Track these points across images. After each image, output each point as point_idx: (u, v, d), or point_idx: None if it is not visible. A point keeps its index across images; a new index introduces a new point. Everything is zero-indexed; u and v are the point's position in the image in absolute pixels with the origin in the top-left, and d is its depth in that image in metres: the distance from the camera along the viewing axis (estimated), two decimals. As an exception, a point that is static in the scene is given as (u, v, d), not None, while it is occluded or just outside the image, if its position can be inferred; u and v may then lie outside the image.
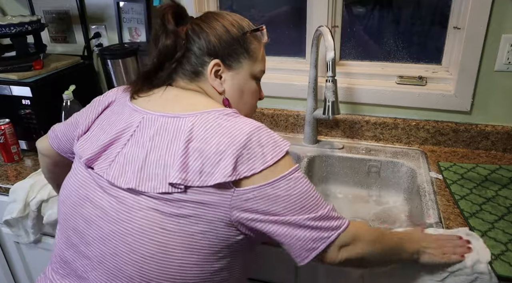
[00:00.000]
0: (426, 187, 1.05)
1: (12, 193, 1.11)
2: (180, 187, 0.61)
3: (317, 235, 0.63)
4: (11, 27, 1.25)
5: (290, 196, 0.62)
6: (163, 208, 0.62)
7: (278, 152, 0.63)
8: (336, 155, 1.26)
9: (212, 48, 0.74)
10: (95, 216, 0.67)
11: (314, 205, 0.64)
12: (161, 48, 0.74)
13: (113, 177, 0.66)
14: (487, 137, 1.21)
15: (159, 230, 0.62)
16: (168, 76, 0.76)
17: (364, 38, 1.31)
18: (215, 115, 0.66)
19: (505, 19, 1.09)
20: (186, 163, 0.62)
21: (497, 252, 0.80)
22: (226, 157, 0.61)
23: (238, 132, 0.63)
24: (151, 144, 0.66)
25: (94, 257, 0.66)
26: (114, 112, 0.76)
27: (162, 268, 0.62)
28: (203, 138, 0.63)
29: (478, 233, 0.86)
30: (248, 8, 1.40)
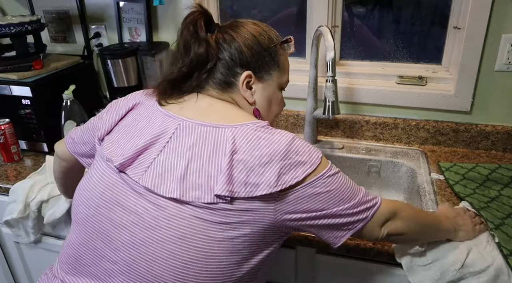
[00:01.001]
0: (426, 187, 1.05)
1: (12, 194, 1.11)
2: (227, 199, 0.62)
3: (354, 218, 0.67)
4: (11, 27, 1.25)
5: (330, 192, 0.65)
6: (207, 216, 0.62)
7: (314, 159, 0.65)
8: (336, 155, 1.26)
9: (245, 59, 0.74)
10: (127, 221, 0.66)
11: (351, 194, 0.67)
12: (193, 57, 0.72)
13: (153, 184, 0.65)
14: (487, 137, 1.21)
15: (202, 237, 0.62)
16: (197, 85, 0.75)
17: (364, 38, 1.31)
18: (253, 128, 0.66)
19: (505, 19, 1.09)
20: (231, 174, 0.62)
21: (510, 248, 0.80)
22: (270, 168, 0.62)
23: (277, 144, 0.64)
24: (191, 153, 0.65)
25: (122, 261, 0.65)
26: (142, 116, 0.74)
27: (202, 272, 0.63)
28: (246, 150, 0.63)
29: (491, 225, 0.85)
30: (248, 8, 1.40)
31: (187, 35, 0.73)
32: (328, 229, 0.67)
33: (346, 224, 0.67)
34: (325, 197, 0.65)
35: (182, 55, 0.74)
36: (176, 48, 0.76)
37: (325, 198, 0.65)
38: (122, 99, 0.81)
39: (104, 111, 0.81)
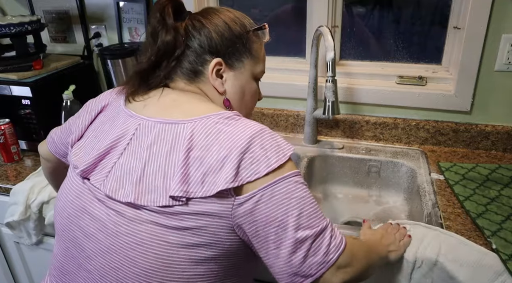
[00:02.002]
0: (426, 187, 1.05)
1: (12, 196, 1.11)
2: (182, 200, 0.58)
3: (315, 260, 0.57)
4: (11, 27, 1.24)
5: (290, 199, 0.58)
6: (163, 221, 0.59)
7: (281, 156, 0.60)
8: (336, 155, 1.26)
9: (214, 45, 0.70)
10: (94, 228, 0.64)
11: (314, 214, 0.59)
12: (160, 45, 0.69)
13: (111, 190, 0.63)
14: (487, 137, 1.21)
15: (161, 243, 0.59)
16: (165, 76, 0.72)
17: (364, 38, 1.31)
18: (215, 120, 0.62)
19: (505, 19, 1.09)
20: (187, 173, 0.59)
21: (509, 253, 0.80)
22: (228, 162, 0.58)
23: (239, 137, 0.59)
24: (148, 154, 0.62)
25: (94, 270, 0.64)
26: (108, 118, 0.72)
27: (166, 280, 0.60)
28: (203, 146, 0.60)
29: (488, 233, 0.85)
30: (248, 7, 1.40)
31: (154, 22, 0.70)
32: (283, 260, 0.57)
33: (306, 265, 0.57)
34: (285, 204, 0.57)
35: (151, 44, 0.71)
36: (145, 38, 0.73)
37: (285, 206, 0.57)
38: (94, 100, 0.78)
39: (80, 112, 0.79)
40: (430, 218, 0.93)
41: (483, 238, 0.85)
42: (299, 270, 0.57)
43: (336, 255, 0.59)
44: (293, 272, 0.58)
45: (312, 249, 0.57)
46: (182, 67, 0.72)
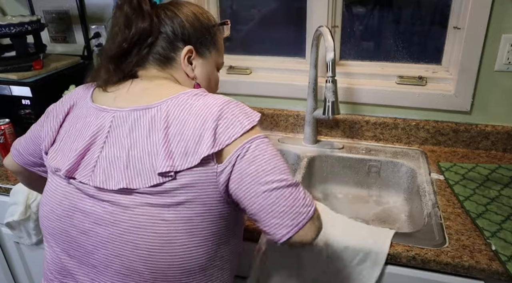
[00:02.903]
0: (426, 187, 1.05)
1: (12, 195, 1.11)
2: (170, 175, 0.61)
3: (298, 210, 0.62)
4: (11, 27, 1.24)
5: (264, 155, 0.63)
6: (157, 200, 0.62)
7: (252, 119, 0.65)
8: (336, 155, 1.26)
9: (186, 34, 0.75)
10: (89, 223, 0.66)
11: (287, 170, 0.64)
12: (135, 31, 0.71)
13: (100, 181, 0.64)
14: (487, 138, 1.21)
15: (159, 222, 0.62)
16: (137, 62, 0.74)
17: (364, 38, 1.31)
18: (185, 98, 0.66)
19: (505, 19, 1.09)
20: (169, 150, 0.62)
21: (509, 254, 0.80)
22: (205, 131, 0.62)
23: (210, 107, 0.64)
24: (129, 141, 0.65)
25: (99, 263, 0.66)
26: (78, 117, 0.72)
27: (168, 256, 0.63)
28: (179, 122, 0.63)
29: (488, 234, 0.86)
30: (248, 7, 1.40)
31: (129, 9, 0.71)
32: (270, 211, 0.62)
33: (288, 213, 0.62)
34: (260, 160, 0.62)
35: (122, 30, 0.72)
36: (114, 24, 0.74)
37: (260, 162, 0.62)
38: (58, 104, 0.78)
39: (43, 119, 0.79)
40: (430, 218, 0.93)
41: (483, 239, 0.86)
42: (283, 221, 0.62)
43: (313, 207, 0.64)
44: (277, 223, 0.62)
45: (290, 197, 0.62)
46: (155, 53, 0.74)
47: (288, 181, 0.63)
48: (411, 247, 0.84)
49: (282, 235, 0.62)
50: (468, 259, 0.81)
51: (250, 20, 1.42)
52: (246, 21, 1.42)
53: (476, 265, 0.80)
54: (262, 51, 1.42)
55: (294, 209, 0.62)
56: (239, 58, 1.45)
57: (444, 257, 0.81)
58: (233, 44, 1.46)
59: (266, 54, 1.42)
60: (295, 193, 0.63)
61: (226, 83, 1.40)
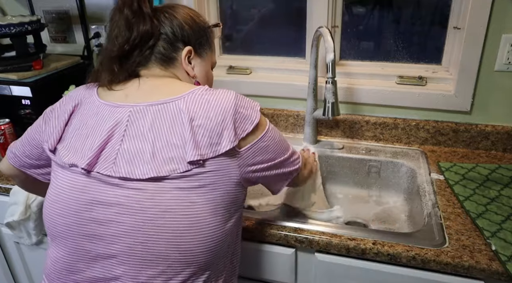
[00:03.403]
0: (426, 187, 1.06)
1: (12, 195, 1.11)
2: (199, 162, 0.66)
3: (293, 167, 0.82)
4: (11, 27, 1.25)
5: (275, 143, 0.75)
6: (185, 184, 0.66)
7: (256, 111, 0.73)
8: (336, 155, 1.26)
9: (186, 35, 0.78)
10: (111, 214, 0.67)
11: (287, 146, 0.80)
12: (136, 34, 0.73)
13: (127, 172, 0.67)
14: (487, 138, 1.21)
15: (187, 204, 0.66)
16: (139, 63, 0.76)
17: (364, 38, 1.31)
18: (199, 93, 0.71)
19: (505, 19, 1.09)
20: (196, 140, 0.67)
21: (509, 254, 0.80)
22: (226, 125, 0.68)
23: (226, 102, 0.70)
24: (152, 133, 0.68)
25: (120, 253, 0.67)
26: (88, 115, 0.73)
27: (197, 236, 0.67)
28: (201, 115, 0.68)
29: (488, 234, 0.86)
30: (248, 8, 1.40)
31: (129, 12, 0.73)
32: (277, 178, 0.80)
33: (289, 173, 0.81)
34: (273, 147, 0.75)
35: (122, 32, 0.74)
36: (113, 26, 0.75)
37: (273, 148, 0.75)
38: (58, 105, 0.79)
39: (41, 122, 0.79)
40: (430, 218, 0.93)
41: (483, 239, 0.86)
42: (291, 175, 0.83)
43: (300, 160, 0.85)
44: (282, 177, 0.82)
45: (293, 157, 0.82)
46: (157, 53, 0.77)
47: (289, 152, 0.80)
48: (411, 247, 0.84)
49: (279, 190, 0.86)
50: (468, 259, 0.81)
51: (250, 20, 1.42)
52: (246, 21, 1.42)
53: (476, 265, 0.80)
54: (262, 51, 1.42)
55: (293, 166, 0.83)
56: (239, 58, 1.45)
57: (444, 257, 0.81)
58: (233, 44, 1.46)
59: (266, 54, 1.42)
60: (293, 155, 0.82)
61: (226, 83, 1.40)
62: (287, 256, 0.94)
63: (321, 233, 0.89)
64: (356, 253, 0.87)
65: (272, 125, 0.76)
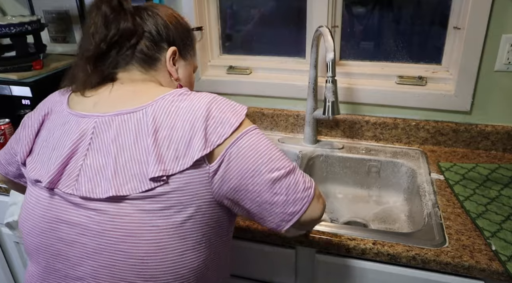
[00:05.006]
0: (426, 187, 1.05)
1: (12, 195, 1.11)
2: (163, 179, 0.60)
3: (298, 195, 0.64)
4: (11, 27, 1.24)
5: (259, 150, 0.63)
6: (148, 206, 0.61)
7: (239, 115, 0.64)
8: (336, 155, 1.26)
9: (171, 35, 0.74)
10: (75, 234, 0.63)
11: (281, 158, 0.64)
12: (115, 32, 0.68)
13: (86, 190, 0.62)
14: (487, 138, 1.21)
15: (150, 228, 0.61)
16: (117, 64, 0.71)
17: (364, 38, 1.31)
18: (170, 99, 0.65)
19: (505, 19, 1.09)
20: (160, 154, 0.61)
21: (509, 254, 0.80)
22: (195, 133, 0.61)
23: (197, 107, 0.63)
24: (116, 147, 0.63)
25: (86, 275, 0.64)
26: (55, 125, 0.69)
27: (161, 262, 0.62)
28: (168, 125, 0.62)
29: (487, 234, 0.86)
30: (248, 8, 1.40)
31: (108, 8, 0.69)
32: (270, 205, 0.64)
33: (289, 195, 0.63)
34: (256, 155, 0.62)
35: (100, 30, 0.69)
36: (90, 23, 0.70)
37: (256, 157, 0.62)
38: (32, 114, 0.75)
39: (20, 129, 0.76)
40: (430, 218, 0.93)
41: (483, 239, 0.86)
42: (285, 209, 0.64)
43: (313, 187, 0.67)
44: (281, 212, 0.64)
45: (291, 185, 0.64)
46: (138, 52, 0.72)
47: (286, 168, 0.64)
48: (411, 247, 0.84)
49: (287, 221, 0.65)
50: (468, 259, 0.81)
51: (250, 20, 1.42)
52: (246, 21, 1.42)
53: (476, 265, 0.80)
54: (262, 51, 1.42)
55: (296, 194, 0.64)
56: (239, 58, 1.45)
57: (444, 257, 0.81)
58: (233, 44, 1.46)
59: (266, 54, 1.42)
60: (294, 179, 0.65)
61: (226, 83, 1.40)
62: (287, 256, 0.94)
63: (321, 233, 0.89)
64: (356, 253, 0.87)
65: (259, 130, 0.66)
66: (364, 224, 1.15)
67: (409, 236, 0.88)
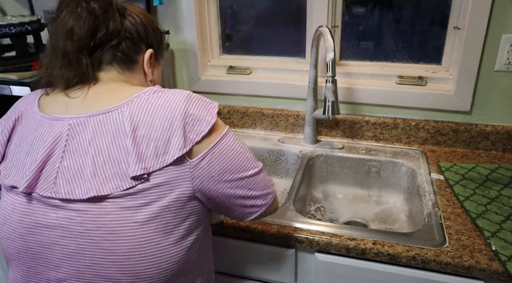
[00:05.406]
0: (426, 187, 1.05)
1: None
2: (144, 177, 0.61)
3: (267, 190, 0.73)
4: (11, 27, 1.24)
5: (235, 152, 0.68)
6: (129, 203, 0.62)
7: (213, 112, 0.67)
8: (336, 155, 1.26)
9: (150, 37, 0.75)
10: (55, 237, 0.64)
11: (252, 158, 0.71)
12: (105, 32, 0.68)
13: (66, 192, 0.62)
14: (487, 138, 1.21)
15: (133, 225, 0.62)
16: (99, 63, 0.71)
17: (364, 38, 1.31)
18: (145, 97, 0.65)
19: (505, 19, 1.09)
20: (139, 152, 0.61)
21: (509, 254, 0.80)
22: (174, 131, 0.63)
23: (174, 105, 0.64)
24: (93, 148, 0.63)
25: (68, 276, 0.64)
26: (28, 130, 0.69)
27: (146, 258, 0.63)
28: (146, 123, 0.63)
29: (487, 234, 0.86)
30: (248, 8, 1.40)
31: (98, 9, 0.68)
32: (240, 200, 0.70)
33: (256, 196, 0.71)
34: (232, 157, 0.67)
35: (87, 28, 0.67)
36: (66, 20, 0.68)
37: (232, 159, 0.67)
38: (3, 119, 0.74)
39: None
40: (430, 218, 0.93)
41: (483, 239, 0.86)
42: (256, 202, 0.72)
43: (274, 186, 0.76)
44: (251, 204, 0.72)
45: (261, 182, 0.72)
46: (120, 51, 0.72)
47: (258, 167, 0.72)
48: (411, 247, 0.84)
49: (254, 212, 0.73)
50: (468, 259, 0.81)
51: (250, 20, 1.42)
52: (246, 21, 1.42)
53: (476, 265, 0.80)
54: (262, 51, 1.42)
55: (265, 190, 0.73)
56: (239, 58, 1.45)
57: (444, 257, 0.81)
58: (233, 44, 1.46)
59: (266, 54, 1.42)
60: (263, 177, 0.73)
61: (226, 83, 1.40)
62: (287, 256, 0.94)
63: (321, 233, 0.89)
64: (356, 253, 0.87)
65: (233, 133, 0.70)
66: (364, 224, 1.15)
67: (409, 236, 0.88)
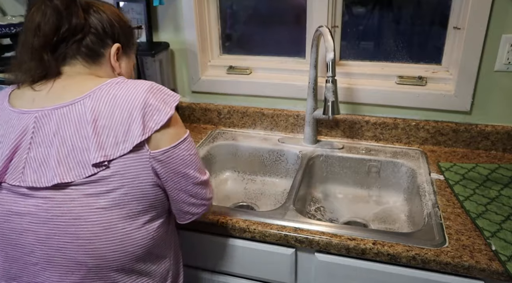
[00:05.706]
0: (426, 187, 1.06)
1: None
2: (104, 164, 0.65)
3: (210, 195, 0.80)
4: (11, 27, 1.25)
5: (191, 154, 0.73)
6: (92, 190, 0.65)
7: (172, 105, 0.71)
8: (336, 155, 1.26)
9: (116, 32, 0.77)
10: (26, 223, 0.67)
11: (202, 166, 0.77)
12: (68, 27, 0.70)
13: (32, 181, 0.66)
14: (487, 138, 1.21)
15: (95, 211, 0.66)
16: (64, 57, 0.73)
17: (364, 38, 1.31)
18: (107, 89, 0.69)
19: (505, 19, 1.09)
20: (100, 141, 0.65)
21: (509, 254, 0.80)
22: (134, 119, 0.66)
23: (134, 96, 0.68)
24: (58, 139, 0.66)
25: (40, 260, 0.68)
26: (0, 124, 0.72)
27: (109, 241, 0.67)
28: (106, 114, 0.66)
29: (487, 234, 0.86)
30: (248, 8, 1.40)
31: (61, 4, 0.70)
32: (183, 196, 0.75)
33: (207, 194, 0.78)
34: (187, 159, 0.72)
35: (51, 24, 0.69)
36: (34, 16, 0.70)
37: (187, 160, 0.73)
38: None
39: None
40: (430, 218, 0.93)
41: (483, 239, 0.86)
42: (191, 209, 0.78)
43: (213, 193, 0.83)
44: (199, 203, 0.78)
45: (202, 193, 0.78)
46: (84, 47, 0.74)
47: (207, 177, 0.79)
48: (411, 247, 0.84)
49: (186, 219, 0.80)
50: (468, 259, 0.81)
51: (250, 20, 1.42)
52: (246, 21, 1.42)
53: (476, 265, 0.80)
54: (262, 51, 1.42)
55: (204, 201, 0.79)
56: (239, 58, 1.45)
57: (444, 257, 0.81)
58: (233, 44, 1.46)
59: (266, 54, 1.42)
60: (208, 188, 0.79)
61: (226, 83, 1.40)
62: (287, 256, 0.94)
63: (321, 233, 0.89)
64: (356, 253, 0.87)
65: (192, 139, 0.75)
66: (364, 224, 1.15)
67: (409, 236, 0.88)
